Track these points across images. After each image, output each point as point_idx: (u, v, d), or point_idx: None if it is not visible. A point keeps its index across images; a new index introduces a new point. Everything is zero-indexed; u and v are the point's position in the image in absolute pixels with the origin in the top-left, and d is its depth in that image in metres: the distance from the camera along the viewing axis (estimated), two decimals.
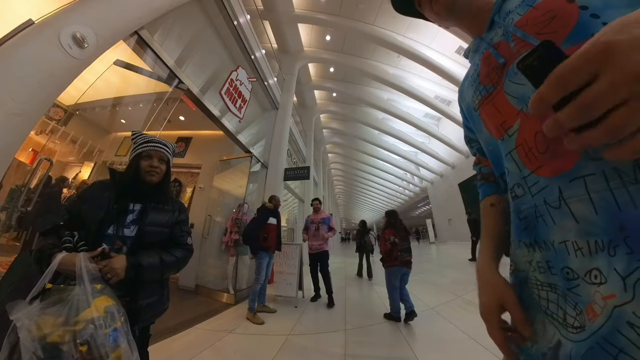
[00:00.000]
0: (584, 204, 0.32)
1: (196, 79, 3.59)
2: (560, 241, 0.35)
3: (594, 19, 0.33)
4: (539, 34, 0.38)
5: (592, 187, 0.31)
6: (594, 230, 0.31)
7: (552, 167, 0.35)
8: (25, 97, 1.64)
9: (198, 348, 2.19)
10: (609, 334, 0.29)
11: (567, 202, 0.34)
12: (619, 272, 0.29)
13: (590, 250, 0.32)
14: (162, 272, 1.04)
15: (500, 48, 0.45)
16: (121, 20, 2.22)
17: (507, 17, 0.45)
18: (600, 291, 0.30)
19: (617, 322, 0.28)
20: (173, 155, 1.19)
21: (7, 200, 2.48)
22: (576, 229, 0.33)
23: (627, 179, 0.29)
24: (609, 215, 0.30)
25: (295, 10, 7.96)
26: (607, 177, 0.30)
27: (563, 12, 0.36)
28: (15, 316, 0.67)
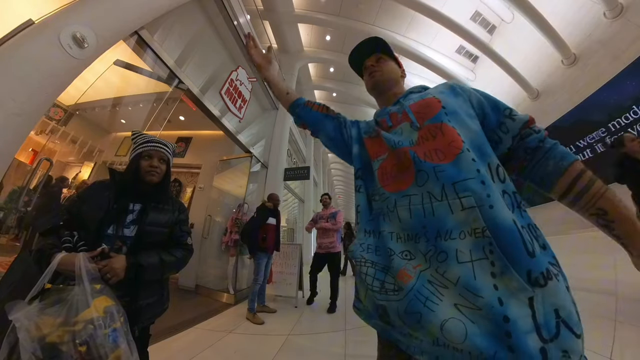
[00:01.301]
0: (405, 211, 0.53)
1: (196, 79, 3.58)
2: (389, 231, 0.56)
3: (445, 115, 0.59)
4: (418, 112, 0.63)
5: (413, 202, 0.52)
6: (407, 227, 0.52)
7: (394, 187, 0.57)
8: (25, 97, 1.64)
9: (198, 348, 2.19)
10: (419, 288, 0.47)
11: (397, 209, 0.54)
12: (421, 252, 0.50)
13: (405, 239, 0.53)
14: (162, 272, 1.04)
15: (392, 117, 0.70)
16: (121, 20, 2.22)
17: (408, 101, 0.70)
18: (412, 263, 0.50)
19: (423, 281, 0.48)
20: (173, 155, 1.19)
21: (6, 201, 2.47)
22: (398, 226, 0.54)
23: (434, 199, 0.50)
24: (418, 219, 0.51)
25: (295, 10, 7.95)
26: (423, 197, 0.51)
27: (434, 105, 0.61)
28: (15, 316, 0.67)
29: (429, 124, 0.58)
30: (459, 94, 0.65)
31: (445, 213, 0.48)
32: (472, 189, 0.47)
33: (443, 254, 0.47)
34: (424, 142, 0.57)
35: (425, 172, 0.52)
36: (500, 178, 0.52)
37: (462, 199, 0.47)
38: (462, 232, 0.46)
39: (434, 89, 0.70)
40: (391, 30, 8.76)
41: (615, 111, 4.47)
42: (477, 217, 0.45)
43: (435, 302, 0.45)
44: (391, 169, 0.60)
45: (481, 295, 0.41)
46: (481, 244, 0.44)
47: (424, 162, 0.54)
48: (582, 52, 5.33)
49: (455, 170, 0.50)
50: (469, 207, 0.46)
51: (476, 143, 0.55)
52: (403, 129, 0.64)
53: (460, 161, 0.51)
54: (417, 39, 9.05)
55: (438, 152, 0.53)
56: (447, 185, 0.49)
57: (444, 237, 0.47)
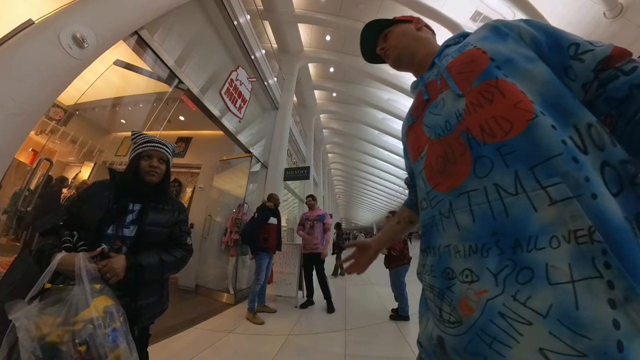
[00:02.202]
0: (465, 214, 0.39)
1: (196, 79, 3.58)
2: (446, 245, 0.42)
3: (497, 69, 0.43)
4: (459, 73, 0.48)
5: (474, 201, 0.38)
6: (469, 236, 0.38)
7: (446, 185, 0.43)
8: (25, 97, 1.64)
9: (198, 348, 2.19)
10: (484, 325, 0.34)
11: (454, 212, 0.41)
12: (491, 270, 0.35)
13: (465, 253, 0.38)
14: (162, 272, 1.04)
15: (429, 86, 0.55)
16: (121, 20, 2.22)
17: (443, 59, 0.55)
18: (473, 288, 0.36)
19: (490, 314, 0.34)
20: (173, 155, 1.19)
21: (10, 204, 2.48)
22: (457, 235, 0.40)
23: (505, 193, 0.35)
24: (484, 223, 0.37)
25: (295, 10, 7.95)
26: (487, 192, 0.37)
27: (478, 59, 0.46)
28: (14, 316, 0.67)
29: (478, 85, 0.43)
30: (506, 35, 0.47)
31: (526, 212, 0.33)
32: (562, 171, 0.32)
33: (526, 272, 0.32)
34: (477, 109, 0.42)
35: (488, 157, 0.38)
36: (597, 144, 0.35)
37: (549, 188, 0.32)
38: (554, 238, 0.31)
39: (474, 36, 0.53)
40: None
41: None
42: (578, 212, 0.30)
43: (509, 344, 0.32)
44: (437, 162, 0.46)
45: (588, 335, 0.28)
46: (589, 254, 0.29)
47: (483, 143, 0.39)
48: None
49: (529, 146, 0.35)
50: (561, 199, 0.31)
51: (550, 97, 0.38)
52: (445, 100, 0.48)
53: (535, 131, 0.35)
54: None
55: (500, 121, 0.38)
56: (522, 171, 0.34)
57: (526, 248, 0.33)
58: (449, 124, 0.45)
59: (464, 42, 0.54)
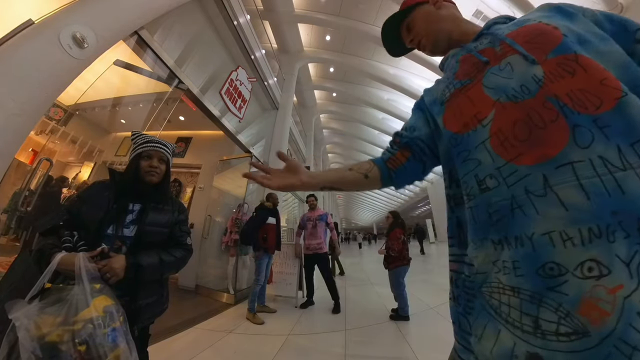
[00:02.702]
0: (575, 190, 0.31)
1: (196, 79, 3.58)
2: (544, 232, 0.32)
3: (574, 44, 0.39)
4: (527, 42, 0.42)
5: (582, 174, 0.31)
6: (586, 217, 0.30)
7: (534, 155, 0.35)
8: (25, 97, 1.64)
9: (198, 348, 2.19)
10: (623, 333, 0.25)
11: (554, 189, 0.32)
12: (622, 259, 0.27)
13: (582, 240, 0.29)
14: (162, 272, 1.04)
15: (485, 52, 0.48)
16: (121, 20, 2.22)
17: (499, 30, 0.50)
18: (604, 284, 0.27)
19: (629, 316, 0.25)
20: (173, 156, 1.19)
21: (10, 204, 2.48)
22: (566, 217, 0.31)
23: (613, 167, 0.30)
24: (602, 201, 0.29)
25: (295, 10, 7.95)
26: (595, 165, 0.31)
27: (550, 32, 0.41)
28: (14, 315, 0.67)
29: (554, 57, 0.38)
30: (573, 15, 0.45)
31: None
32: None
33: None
34: (559, 80, 0.36)
35: (587, 128, 0.33)
36: None
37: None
38: None
39: (533, 14, 0.49)
40: None
41: None
42: None
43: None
44: (516, 129, 0.37)
45: None
46: None
47: (577, 113, 0.34)
48: None
49: (624, 123, 0.32)
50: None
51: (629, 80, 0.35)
52: (512, 64, 0.42)
53: (627, 109, 0.32)
54: None
55: (588, 95, 0.34)
56: (625, 146, 0.31)
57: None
58: (525, 87, 0.39)
59: (519, 19, 0.51)
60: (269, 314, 3.17)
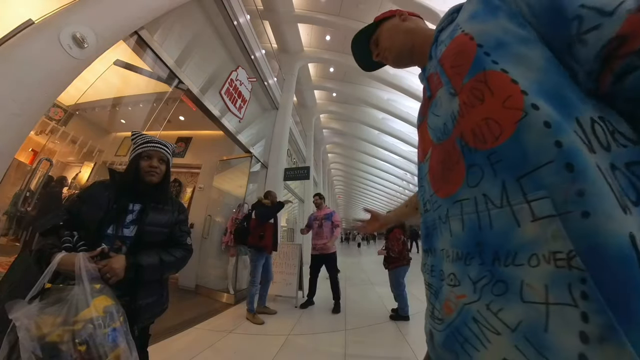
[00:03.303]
0: (457, 222, 0.39)
1: (196, 79, 3.58)
2: (441, 248, 0.44)
3: (486, 56, 0.37)
4: (452, 67, 0.43)
5: (465, 210, 0.38)
6: (458, 243, 0.39)
7: (444, 191, 0.43)
8: (25, 97, 1.64)
9: (198, 348, 2.19)
10: (459, 326, 0.37)
11: (449, 219, 0.41)
12: (471, 278, 0.36)
13: (453, 258, 0.40)
14: (162, 272, 1.04)
15: (431, 80, 0.52)
16: (121, 20, 2.22)
17: (439, 48, 0.51)
18: (455, 291, 0.39)
19: (465, 317, 0.36)
20: (173, 156, 1.20)
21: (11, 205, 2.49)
22: (449, 241, 0.41)
23: (491, 205, 0.34)
24: (472, 233, 0.36)
25: (295, 10, 7.95)
26: (477, 202, 0.36)
27: (466, 48, 0.41)
28: (14, 315, 0.67)
29: (469, 81, 0.38)
30: (497, 8, 0.39)
31: (509, 226, 0.31)
32: (547, 183, 0.29)
33: (501, 285, 0.32)
34: (470, 110, 0.38)
35: (479, 166, 0.35)
36: (602, 143, 0.29)
37: (533, 202, 0.29)
38: (533, 256, 0.29)
39: (464, 14, 0.46)
40: None
41: None
42: (559, 232, 0.27)
43: (477, 347, 0.33)
44: (438, 168, 0.44)
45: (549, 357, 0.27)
46: (566, 280, 0.26)
47: (474, 150, 0.36)
48: None
49: (518, 152, 0.31)
50: (543, 216, 0.28)
51: (550, 87, 0.32)
52: (442, 99, 0.45)
53: (524, 134, 0.31)
54: None
55: (491, 124, 0.34)
56: (509, 182, 0.32)
57: (503, 262, 0.32)
58: (447, 127, 0.43)
59: (455, 24, 0.48)
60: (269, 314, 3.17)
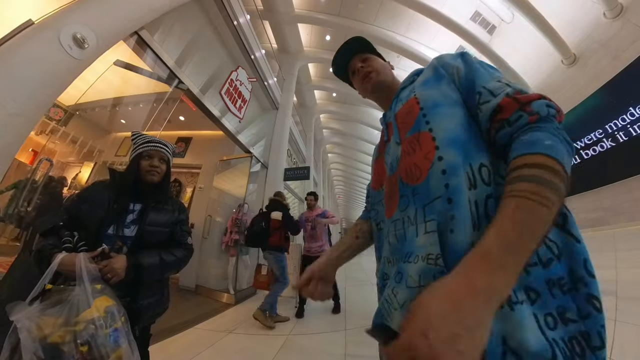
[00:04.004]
0: (392, 237, 0.52)
1: (196, 79, 3.58)
2: (384, 256, 0.56)
3: (423, 117, 0.51)
4: (402, 122, 0.57)
5: (397, 227, 0.51)
6: (394, 250, 0.51)
7: (388, 213, 0.56)
8: (26, 97, 1.64)
9: (198, 348, 2.19)
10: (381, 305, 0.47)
11: (389, 233, 0.54)
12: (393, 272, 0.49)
13: (393, 263, 0.51)
14: (162, 272, 1.04)
15: (389, 128, 0.64)
16: (121, 21, 2.22)
17: (398, 103, 0.63)
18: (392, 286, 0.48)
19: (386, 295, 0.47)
20: (173, 156, 1.19)
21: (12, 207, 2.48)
22: (389, 249, 0.53)
23: (409, 223, 0.48)
24: (401, 243, 0.49)
25: (295, 10, 7.95)
26: (404, 222, 0.49)
27: (413, 110, 0.55)
28: (16, 317, 0.67)
29: (409, 137, 0.53)
30: (442, 77, 0.55)
31: (413, 236, 0.46)
32: (437, 210, 0.43)
33: (399, 275, 0.45)
34: (406, 157, 0.52)
35: (406, 196, 0.50)
36: (484, 181, 0.44)
37: (427, 222, 0.44)
38: (417, 256, 0.43)
39: (421, 77, 0.61)
40: (391, 30, 8.76)
41: (614, 112, 4.47)
42: (434, 242, 0.41)
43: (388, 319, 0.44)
44: (387, 195, 0.58)
45: None
46: (432, 272, 0.39)
47: (405, 185, 0.50)
48: (581, 52, 5.33)
49: (426, 189, 0.46)
50: (430, 230, 0.43)
51: (457, 140, 0.46)
52: (391, 145, 0.59)
53: (431, 177, 0.46)
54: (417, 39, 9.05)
55: (416, 169, 0.49)
56: (419, 209, 0.46)
57: (404, 259, 0.46)
58: (394, 165, 0.56)
59: (413, 86, 0.62)
60: None
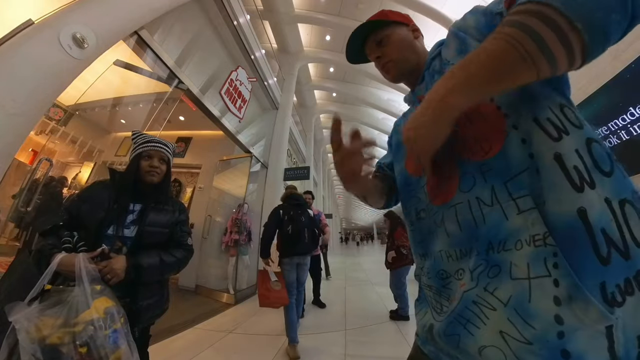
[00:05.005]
0: (454, 224, 0.45)
1: (196, 79, 3.58)
2: (439, 250, 0.49)
3: None
4: None
5: (460, 212, 0.44)
6: (458, 242, 0.45)
7: (440, 199, 0.48)
8: (25, 97, 1.64)
9: (198, 348, 2.19)
10: (461, 311, 0.41)
11: (445, 223, 0.47)
12: (469, 268, 0.41)
13: (456, 257, 0.45)
14: (162, 272, 1.04)
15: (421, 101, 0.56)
16: (121, 20, 2.22)
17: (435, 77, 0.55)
18: (459, 283, 0.44)
19: (466, 302, 0.40)
20: (173, 156, 1.19)
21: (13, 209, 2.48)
22: (448, 242, 0.46)
23: (484, 205, 0.40)
24: (469, 231, 0.42)
25: (295, 10, 7.94)
26: (471, 205, 0.42)
27: None
28: (14, 318, 0.66)
29: None
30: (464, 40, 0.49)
31: (499, 220, 0.38)
32: (527, 184, 0.36)
33: (495, 268, 0.38)
34: (461, 131, 0.44)
35: (471, 174, 0.43)
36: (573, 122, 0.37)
37: (518, 199, 0.37)
38: (518, 242, 0.36)
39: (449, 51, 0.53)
40: None
41: (613, 111, 4.47)
42: (537, 219, 0.34)
43: (478, 325, 0.38)
44: (435, 178, 0.50)
45: (533, 325, 0.32)
46: (542, 255, 0.33)
47: (466, 161, 0.44)
48: None
49: (504, 163, 0.39)
50: (527, 209, 0.36)
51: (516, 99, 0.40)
52: None
53: (509, 149, 0.39)
54: None
55: (481, 142, 0.42)
56: (498, 186, 0.39)
57: (496, 249, 0.38)
58: None
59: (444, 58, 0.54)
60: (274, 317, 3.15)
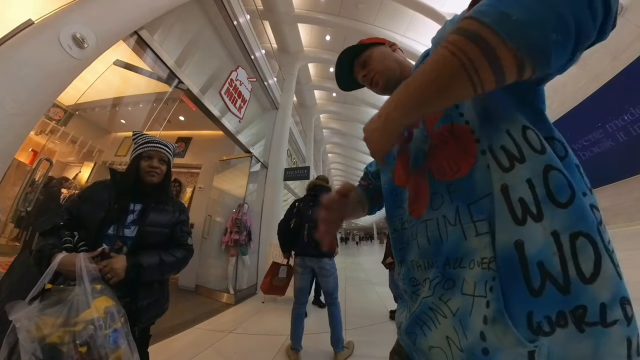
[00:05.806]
0: (424, 238, 0.48)
1: (196, 79, 3.58)
2: (411, 259, 0.52)
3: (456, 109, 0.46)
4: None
5: (429, 228, 0.47)
6: (425, 255, 0.48)
7: (415, 212, 0.51)
8: (25, 97, 1.64)
9: (198, 348, 2.19)
10: (419, 314, 0.47)
11: (417, 235, 0.50)
12: (430, 279, 0.46)
13: (425, 267, 0.48)
14: (162, 272, 1.04)
15: None
16: (121, 20, 2.22)
17: None
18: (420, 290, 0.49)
19: (424, 307, 0.46)
20: (173, 156, 1.19)
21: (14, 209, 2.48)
22: (418, 253, 0.50)
23: (448, 224, 0.43)
24: (436, 246, 0.46)
25: (295, 10, 7.94)
26: (438, 222, 0.45)
27: None
28: (15, 317, 0.67)
29: (438, 128, 0.48)
30: None
31: (459, 239, 0.41)
32: (487, 209, 0.39)
33: (450, 282, 0.42)
34: (435, 150, 0.48)
35: (440, 193, 0.45)
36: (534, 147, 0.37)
37: (477, 223, 0.39)
38: (472, 261, 0.39)
39: None
40: (391, 30, 8.76)
41: (614, 111, 4.47)
42: (488, 244, 0.37)
43: (431, 328, 0.45)
44: (413, 194, 0.53)
45: (467, 336, 0.37)
46: (485, 278, 0.36)
47: (436, 181, 0.46)
48: None
49: (470, 186, 0.41)
50: (482, 232, 0.39)
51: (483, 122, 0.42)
52: (416, 138, 0.54)
53: (476, 173, 0.41)
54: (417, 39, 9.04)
55: (451, 163, 0.45)
56: (462, 208, 0.42)
57: (452, 265, 0.42)
58: (418, 160, 0.53)
59: None
60: (275, 316, 3.16)
